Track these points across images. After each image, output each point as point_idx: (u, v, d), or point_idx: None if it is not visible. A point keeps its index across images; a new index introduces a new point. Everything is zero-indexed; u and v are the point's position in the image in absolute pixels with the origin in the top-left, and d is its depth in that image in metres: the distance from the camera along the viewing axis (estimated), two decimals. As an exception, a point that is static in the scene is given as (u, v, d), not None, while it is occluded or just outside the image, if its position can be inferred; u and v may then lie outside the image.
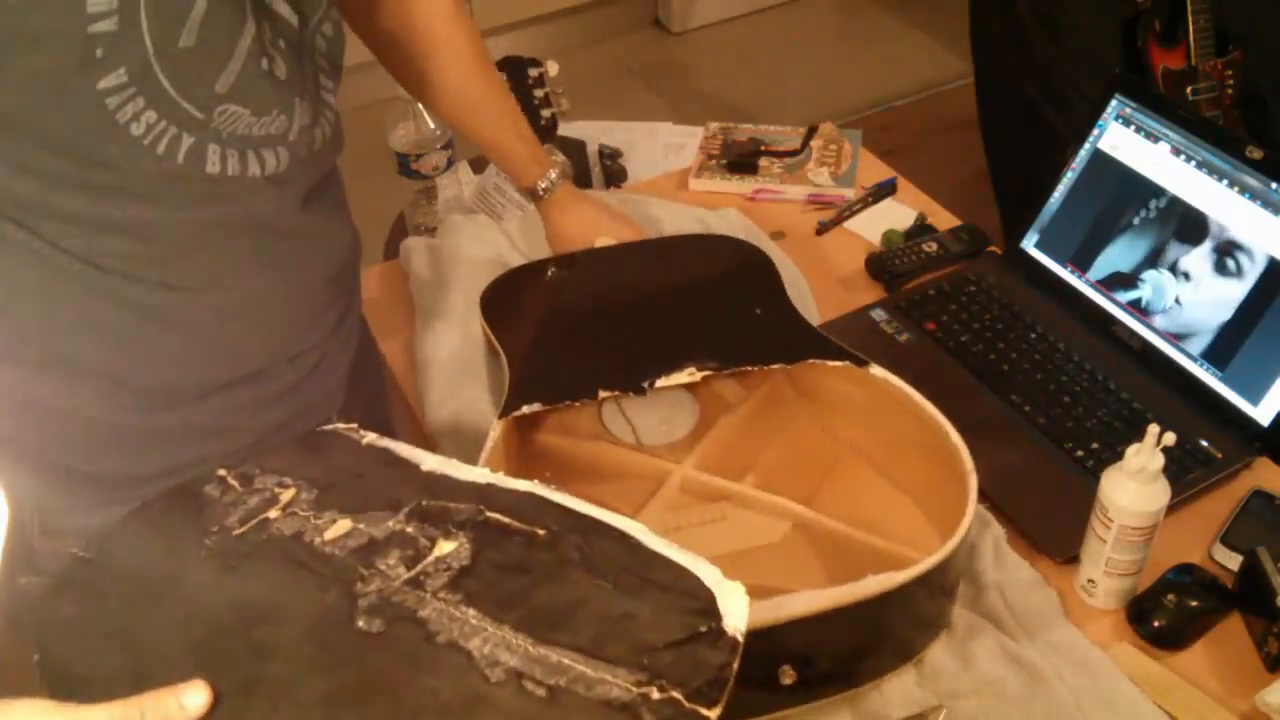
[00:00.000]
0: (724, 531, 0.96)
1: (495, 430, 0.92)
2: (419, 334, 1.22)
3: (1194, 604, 0.92)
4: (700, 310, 1.09)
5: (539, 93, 1.46)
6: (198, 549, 0.68)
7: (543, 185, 1.16)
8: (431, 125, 1.41)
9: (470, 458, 0.89)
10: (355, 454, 0.77)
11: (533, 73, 1.45)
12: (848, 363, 0.98)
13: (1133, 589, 0.94)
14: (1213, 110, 1.92)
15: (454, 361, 1.18)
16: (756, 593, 0.78)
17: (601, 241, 1.20)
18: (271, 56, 0.72)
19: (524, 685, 0.55)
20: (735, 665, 0.55)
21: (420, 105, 1.41)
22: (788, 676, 0.78)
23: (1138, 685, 0.87)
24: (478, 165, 1.54)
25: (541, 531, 0.65)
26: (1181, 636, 0.92)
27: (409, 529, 0.66)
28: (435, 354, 1.19)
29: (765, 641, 0.75)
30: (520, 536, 0.65)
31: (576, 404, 1.00)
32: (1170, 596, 0.92)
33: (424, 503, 0.68)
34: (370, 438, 0.78)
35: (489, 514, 0.66)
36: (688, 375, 0.96)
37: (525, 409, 0.94)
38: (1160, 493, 0.89)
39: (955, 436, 0.90)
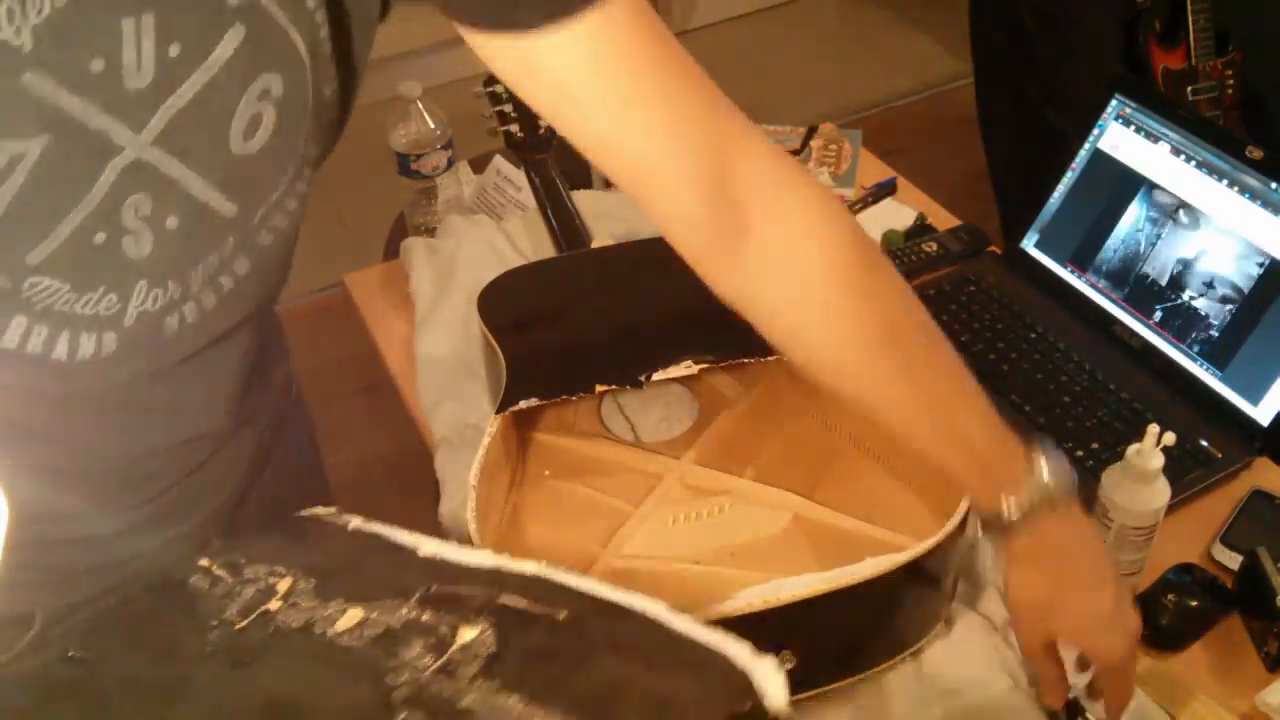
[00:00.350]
0: (724, 525, 0.96)
1: (492, 426, 0.92)
2: (419, 334, 1.23)
3: (1194, 604, 0.92)
4: (696, 305, 1.09)
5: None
6: (201, 645, 0.63)
7: (1005, 514, 0.76)
8: (431, 125, 1.41)
9: (470, 457, 0.89)
10: (344, 539, 0.72)
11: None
12: None
13: (1132, 589, 0.94)
14: (1213, 110, 1.92)
15: (454, 361, 1.18)
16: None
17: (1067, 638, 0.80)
18: (130, 232, 0.63)
19: None
20: None
21: (419, 105, 1.41)
22: (788, 661, 0.78)
23: (1138, 685, 0.87)
24: (478, 165, 1.54)
25: (562, 615, 0.61)
26: (1181, 636, 0.92)
27: (425, 617, 0.62)
28: (435, 354, 1.19)
29: (766, 624, 0.76)
30: (542, 621, 0.61)
31: (574, 399, 1.00)
32: (1170, 596, 0.92)
33: (433, 589, 0.64)
34: (355, 522, 0.73)
35: (503, 598, 0.62)
36: (684, 368, 0.96)
37: (522, 404, 0.94)
38: (1160, 492, 0.89)
39: None
